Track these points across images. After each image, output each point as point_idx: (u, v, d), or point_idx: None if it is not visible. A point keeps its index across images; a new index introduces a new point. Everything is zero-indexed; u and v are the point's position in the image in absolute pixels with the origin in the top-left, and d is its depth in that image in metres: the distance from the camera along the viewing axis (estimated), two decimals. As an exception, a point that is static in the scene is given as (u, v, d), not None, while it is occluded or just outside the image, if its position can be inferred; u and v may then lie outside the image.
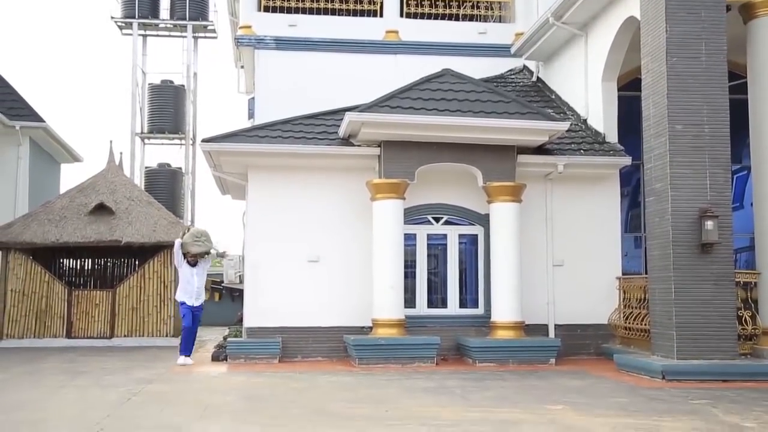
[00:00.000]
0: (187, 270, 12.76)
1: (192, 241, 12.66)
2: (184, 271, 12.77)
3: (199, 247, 12.69)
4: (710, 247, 10.82)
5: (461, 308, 13.78)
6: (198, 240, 12.69)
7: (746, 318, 11.28)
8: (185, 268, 12.75)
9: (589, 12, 14.15)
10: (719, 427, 7.07)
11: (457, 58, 16.73)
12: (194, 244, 12.65)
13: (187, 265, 12.75)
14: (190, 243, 12.66)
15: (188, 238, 12.72)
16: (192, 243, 12.65)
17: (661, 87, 11.27)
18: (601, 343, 13.65)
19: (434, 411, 7.95)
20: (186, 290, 12.69)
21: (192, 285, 12.69)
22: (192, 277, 12.73)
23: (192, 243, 12.65)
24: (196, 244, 12.65)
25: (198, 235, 12.81)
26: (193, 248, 12.65)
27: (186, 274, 12.75)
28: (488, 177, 13.15)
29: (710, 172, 11.03)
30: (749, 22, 11.71)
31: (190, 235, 12.82)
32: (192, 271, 12.76)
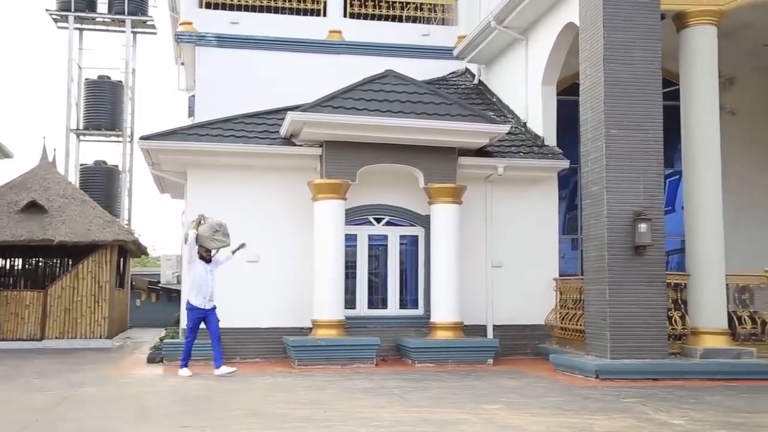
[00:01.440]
0: (202, 267, 11.18)
1: (210, 235, 11.15)
2: (197, 268, 11.17)
3: (218, 242, 11.24)
4: (643, 249, 11.09)
5: (401, 309, 13.82)
6: (217, 233, 11.20)
7: (676, 318, 11.59)
8: (199, 265, 11.18)
9: (529, 17, 14.37)
10: (649, 425, 7.25)
11: (400, 59, 16.81)
12: (213, 238, 11.18)
13: (201, 262, 11.20)
14: (208, 237, 11.15)
15: (206, 231, 11.16)
16: (210, 237, 11.16)
17: (598, 92, 11.50)
18: (538, 343, 13.86)
19: (373, 412, 7.94)
20: (201, 291, 11.14)
21: (208, 285, 11.18)
22: (207, 275, 11.20)
23: (210, 237, 11.16)
24: (215, 239, 11.19)
25: (217, 227, 11.26)
26: (211, 243, 11.20)
27: (200, 272, 11.16)
28: (429, 178, 13.22)
29: (644, 176, 11.31)
30: (682, 31, 12.04)
31: (207, 227, 11.21)
32: (207, 268, 11.23)
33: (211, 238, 11.16)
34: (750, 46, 14.82)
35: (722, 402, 8.74)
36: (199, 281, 11.12)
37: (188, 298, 11.21)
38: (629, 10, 11.42)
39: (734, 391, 9.72)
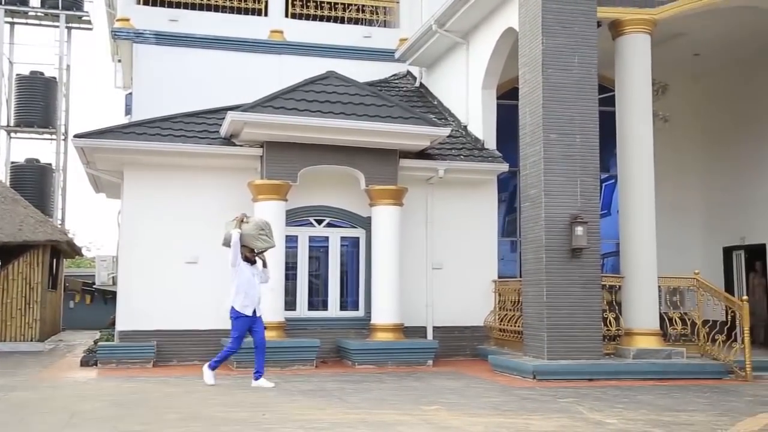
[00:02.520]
0: (247, 270, 10.15)
1: (256, 234, 10.17)
2: (242, 272, 10.10)
3: (265, 242, 10.28)
4: (580, 252, 11.31)
5: (342, 311, 13.80)
6: (263, 233, 10.26)
7: (611, 320, 11.85)
8: (244, 268, 10.14)
9: (470, 21, 14.52)
10: (584, 424, 7.39)
11: (341, 60, 16.80)
12: (259, 237, 10.19)
13: (247, 265, 10.19)
14: (254, 236, 10.15)
15: (251, 230, 10.17)
16: (256, 236, 10.17)
17: (537, 97, 11.69)
18: (477, 344, 14.01)
19: (312, 414, 7.90)
20: (248, 297, 10.07)
21: (255, 289, 10.15)
22: (254, 279, 10.18)
23: (256, 236, 10.17)
24: (261, 238, 10.22)
25: (263, 225, 10.35)
26: (257, 243, 10.23)
27: (246, 275, 10.11)
28: (371, 180, 13.24)
29: (581, 180, 11.54)
30: (617, 39, 12.34)
31: (253, 226, 10.25)
32: (252, 271, 10.21)
33: (256, 237, 10.15)
34: (682, 55, 15.31)
35: (653, 401, 8.97)
36: (245, 286, 10.04)
37: (233, 304, 10.06)
38: (567, 17, 11.65)
39: (665, 390, 9.99)
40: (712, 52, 15.47)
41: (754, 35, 14.54)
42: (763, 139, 15.79)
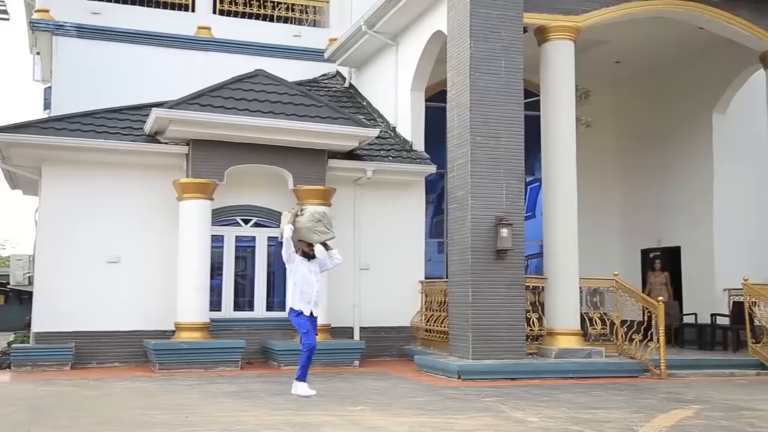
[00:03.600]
0: (303, 266, 9.34)
1: (312, 226, 9.28)
2: (298, 268, 9.33)
3: (322, 235, 9.36)
4: (504, 253, 11.50)
5: (268, 311, 13.67)
6: (319, 224, 9.34)
7: (534, 320, 12.09)
8: (300, 264, 9.32)
9: (400, 23, 14.60)
10: (506, 423, 7.51)
11: (270, 59, 16.67)
12: (315, 230, 9.30)
13: (302, 260, 9.35)
14: (309, 229, 9.27)
15: (306, 222, 9.30)
16: (312, 229, 9.28)
17: (464, 100, 11.83)
18: (404, 344, 14.09)
19: (237, 416, 7.80)
20: (304, 293, 9.32)
21: (312, 286, 9.36)
22: (310, 276, 9.36)
23: (312, 229, 9.28)
24: (316, 230, 9.31)
25: (319, 217, 9.44)
26: (313, 236, 9.31)
27: (302, 271, 9.33)
28: (299, 180, 13.16)
29: (506, 182, 11.73)
30: (542, 45, 12.59)
31: (307, 218, 9.37)
32: (309, 267, 9.37)
33: (312, 230, 9.28)
34: (604, 62, 15.77)
35: (573, 399, 9.19)
36: (301, 283, 9.30)
37: (291, 303, 9.36)
38: (495, 22, 11.83)
39: (585, 388, 10.24)
40: (631, 60, 15.98)
41: (671, 45, 15.09)
42: (677, 144, 16.40)
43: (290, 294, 9.39)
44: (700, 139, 15.95)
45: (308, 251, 9.41)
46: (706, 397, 9.42)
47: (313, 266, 9.41)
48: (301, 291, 9.29)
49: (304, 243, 9.33)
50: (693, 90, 16.13)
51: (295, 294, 9.32)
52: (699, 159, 15.90)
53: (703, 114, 15.90)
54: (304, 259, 9.34)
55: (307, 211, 9.53)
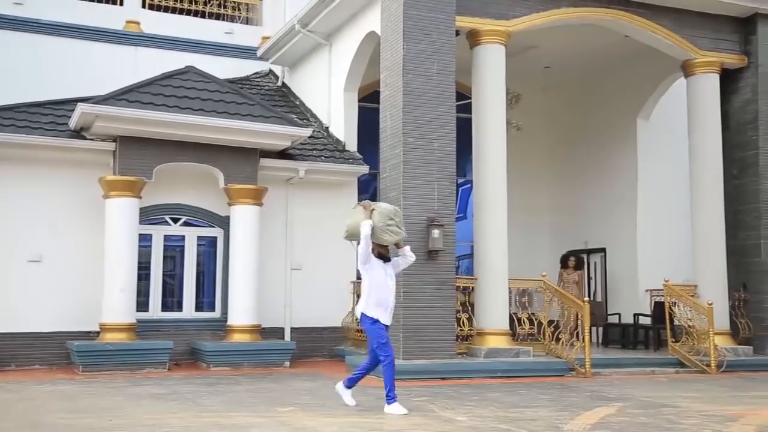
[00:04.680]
0: (381, 270, 8.23)
1: (384, 225, 8.18)
2: (375, 271, 8.20)
3: (394, 234, 8.25)
4: (436, 254, 11.60)
5: (197, 311, 13.46)
6: (391, 223, 8.23)
7: (464, 320, 12.23)
8: (376, 266, 8.22)
9: (333, 23, 14.57)
10: (435, 422, 7.58)
11: (201, 56, 16.41)
12: (387, 230, 8.20)
13: (380, 263, 8.26)
14: (381, 229, 8.16)
15: (378, 221, 8.17)
16: (384, 228, 8.18)
17: (397, 101, 11.89)
18: (335, 345, 14.05)
19: (163, 418, 7.64)
20: (381, 299, 8.16)
21: (390, 291, 8.26)
22: (387, 279, 8.26)
23: (384, 228, 8.18)
24: (389, 230, 8.21)
25: (392, 215, 8.30)
26: (385, 236, 8.20)
27: (379, 275, 8.21)
28: (230, 179, 12.99)
29: (438, 183, 11.84)
30: (474, 48, 12.75)
31: (379, 215, 8.22)
32: (385, 270, 8.28)
33: (384, 230, 8.19)
34: (534, 67, 16.07)
35: (501, 398, 9.33)
36: (378, 287, 8.19)
37: (363, 309, 8.24)
38: (427, 24, 11.92)
39: (513, 387, 10.41)
40: (561, 65, 16.33)
41: (598, 52, 15.49)
42: (604, 149, 16.85)
43: (365, 299, 8.22)
44: (625, 143, 16.42)
45: (384, 252, 8.33)
46: (628, 395, 9.69)
47: (389, 269, 8.31)
48: (377, 296, 8.15)
49: (375, 244, 8.23)
50: (619, 96, 16.60)
51: (370, 299, 8.16)
52: (624, 163, 16.37)
53: (629, 119, 16.40)
54: (380, 261, 8.24)
55: (379, 209, 8.35)
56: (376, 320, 8.15)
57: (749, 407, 8.89)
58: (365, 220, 8.17)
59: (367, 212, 8.24)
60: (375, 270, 8.21)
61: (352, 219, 8.38)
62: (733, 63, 14.17)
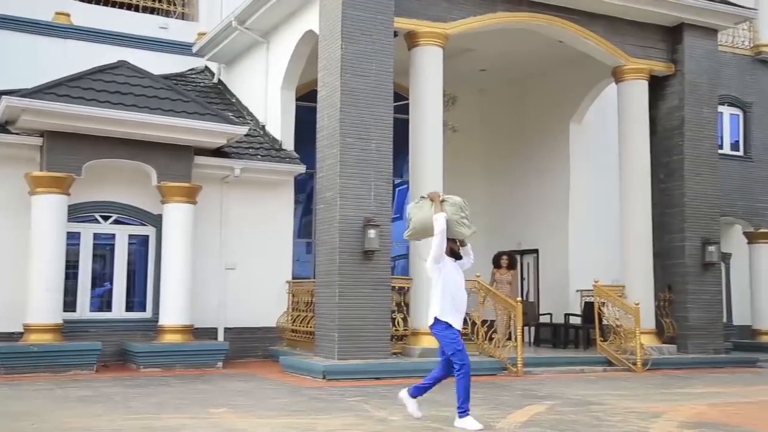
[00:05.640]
0: (453, 269, 7.44)
1: (458, 218, 7.42)
2: (448, 270, 7.39)
3: (469, 228, 7.50)
4: (372, 254, 11.61)
5: (128, 312, 13.17)
6: (464, 216, 7.48)
7: (399, 320, 12.28)
8: (449, 265, 7.42)
9: (271, 21, 14.44)
10: (369, 422, 7.58)
11: (134, 50, 16.05)
12: (461, 222, 7.43)
13: (451, 261, 7.46)
14: (456, 221, 7.40)
15: (452, 213, 7.41)
16: (459, 221, 7.42)
17: (335, 100, 11.86)
18: (270, 345, 13.93)
19: (89, 421, 7.44)
20: (456, 301, 7.40)
21: (464, 293, 7.53)
22: (460, 280, 7.48)
23: (459, 221, 7.42)
24: (464, 223, 7.45)
25: (462, 206, 7.53)
26: (461, 229, 7.44)
27: (453, 275, 7.41)
28: (163, 176, 12.74)
29: (375, 184, 11.86)
30: (412, 49, 12.81)
31: (452, 206, 7.47)
32: (457, 269, 7.50)
33: (459, 222, 7.41)
34: (470, 69, 16.26)
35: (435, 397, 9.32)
36: (454, 288, 7.38)
37: (438, 314, 7.36)
38: (366, 25, 11.93)
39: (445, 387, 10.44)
40: (497, 68, 16.55)
41: (533, 56, 15.76)
42: (538, 152, 17.16)
43: (438, 302, 7.36)
44: (558, 147, 16.75)
45: (456, 249, 7.51)
46: (558, 393, 9.88)
47: (459, 268, 7.54)
48: (453, 299, 7.36)
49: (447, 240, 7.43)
50: (553, 100, 16.93)
51: (445, 302, 7.32)
52: (557, 166, 16.70)
53: (562, 123, 16.73)
54: (451, 259, 7.46)
55: (450, 199, 7.55)
56: (449, 325, 7.36)
57: (672, 404, 9.17)
58: (438, 213, 7.34)
59: (438, 204, 7.43)
60: (448, 269, 7.38)
61: (421, 213, 7.54)
62: (661, 70, 14.60)
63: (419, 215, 7.57)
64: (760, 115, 18.66)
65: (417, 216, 7.58)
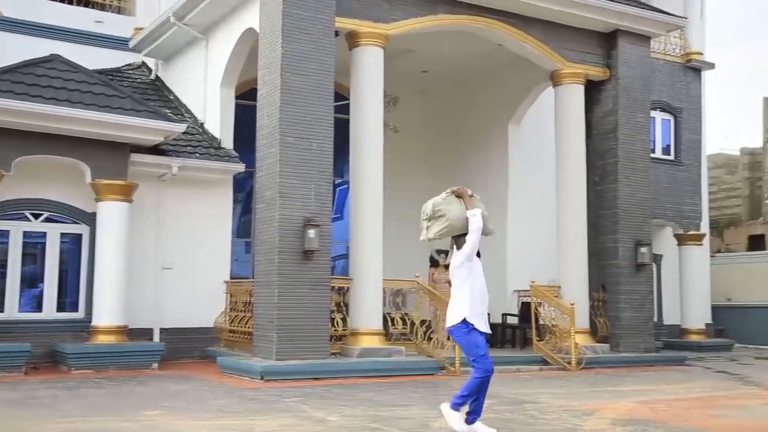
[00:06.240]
0: (479, 266, 6.97)
1: (487, 215, 7.02)
2: (476, 270, 6.92)
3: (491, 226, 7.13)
4: (311, 254, 11.57)
5: (59, 312, 12.84)
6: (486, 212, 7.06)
7: (338, 320, 12.26)
8: (477, 264, 6.95)
9: (210, 17, 14.26)
10: (307, 423, 7.55)
11: (68, 44, 15.60)
12: (488, 218, 7.04)
13: (478, 261, 6.98)
14: (486, 217, 6.97)
15: (484, 209, 7.02)
16: (488, 217, 7.02)
17: (275, 99, 11.78)
18: (207, 346, 13.75)
19: (16, 425, 7.23)
20: (483, 302, 6.93)
21: (486, 293, 7.01)
22: (482, 279, 7.01)
23: (488, 217, 7.02)
24: (488, 219, 7.04)
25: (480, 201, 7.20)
26: (490, 225, 7.05)
27: (480, 275, 6.96)
28: (97, 174, 12.45)
29: (315, 183, 11.82)
30: (353, 49, 12.81)
31: (480, 203, 7.10)
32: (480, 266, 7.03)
33: (488, 218, 7.02)
34: (412, 70, 16.34)
35: (373, 398, 9.42)
36: (481, 289, 6.93)
37: (463, 314, 6.80)
38: (307, 24, 11.88)
39: (385, 386, 10.53)
40: (438, 70, 16.69)
41: (473, 58, 15.93)
42: (478, 153, 17.35)
43: (467, 302, 6.82)
44: (497, 149, 16.97)
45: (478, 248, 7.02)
46: (494, 392, 9.94)
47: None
48: (481, 300, 6.91)
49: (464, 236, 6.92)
50: (492, 102, 17.15)
51: (474, 302, 6.83)
52: (496, 168, 16.91)
53: (501, 125, 16.96)
54: (478, 259, 6.99)
55: (476, 195, 7.17)
56: (473, 328, 6.84)
57: (604, 402, 9.40)
58: (473, 210, 6.88)
59: (469, 200, 7.01)
60: (476, 269, 6.94)
61: (454, 209, 6.97)
62: (596, 75, 14.93)
63: (454, 211, 6.97)
64: (689, 121, 19.27)
65: (452, 212, 6.97)
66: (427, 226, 7.06)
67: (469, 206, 6.94)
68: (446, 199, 7.10)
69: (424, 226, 7.08)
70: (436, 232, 7.02)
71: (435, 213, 7.02)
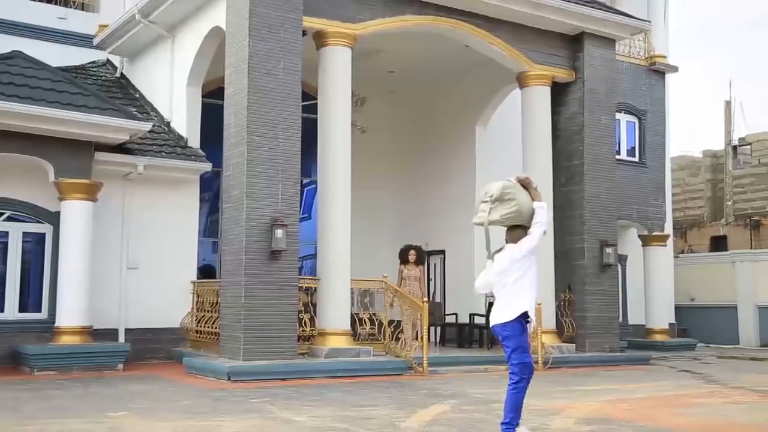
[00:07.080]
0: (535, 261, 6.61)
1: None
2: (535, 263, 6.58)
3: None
4: (279, 254, 11.52)
5: (21, 312, 12.62)
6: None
7: (306, 320, 12.22)
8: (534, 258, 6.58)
9: (177, 15, 14.13)
10: (274, 423, 7.52)
11: (30, 41, 15.40)
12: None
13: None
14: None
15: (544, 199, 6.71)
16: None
17: (242, 98, 11.71)
18: (173, 346, 13.62)
19: (-23, 428, 7.10)
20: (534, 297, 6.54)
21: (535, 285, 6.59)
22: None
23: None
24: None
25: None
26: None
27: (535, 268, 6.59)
28: (61, 172, 12.27)
29: (282, 183, 11.77)
30: (321, 49, 12.78)
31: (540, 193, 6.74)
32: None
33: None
34: (379, 71, 16.35)
35: (341, 398, 9.41)
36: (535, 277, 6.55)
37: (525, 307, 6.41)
38: (274, 23, 11.82)
39: (353, 387, 10.52)
40: (405, 71, 16.72)
41: (441, 59, 16.01)
42: (445, 154, 17.44)
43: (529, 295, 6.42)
44: (464, 149, 17.07)
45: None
46: (462, 392, 10.06)
47: None
48: (535, 292, 6.53)
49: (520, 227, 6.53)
50: (460, 103, 17.24)
51: (533, 298, 6.47)
52: (464, 168, 17.00)
53: (468, 126, 17.06)
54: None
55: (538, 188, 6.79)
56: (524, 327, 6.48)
57: (570, 401, 9.50)
58: (541, 202, 6.53)
59: (534, 192, 6.58)
60: (535, 263, 6.55)
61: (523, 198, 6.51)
62: (562, 77, 15.07)
63: (523, 198, 6.49)
64: (653, 123, 19.55)
65: (522, 199, 6.48)
66: (490, 209, 6.49)
67: (538, 198, 6.52)
68: (511, 184, 6.59)
69: (486, 209, 6.51)
70: (503, 215, 6.46)
71: (503, 196, 6.45)
